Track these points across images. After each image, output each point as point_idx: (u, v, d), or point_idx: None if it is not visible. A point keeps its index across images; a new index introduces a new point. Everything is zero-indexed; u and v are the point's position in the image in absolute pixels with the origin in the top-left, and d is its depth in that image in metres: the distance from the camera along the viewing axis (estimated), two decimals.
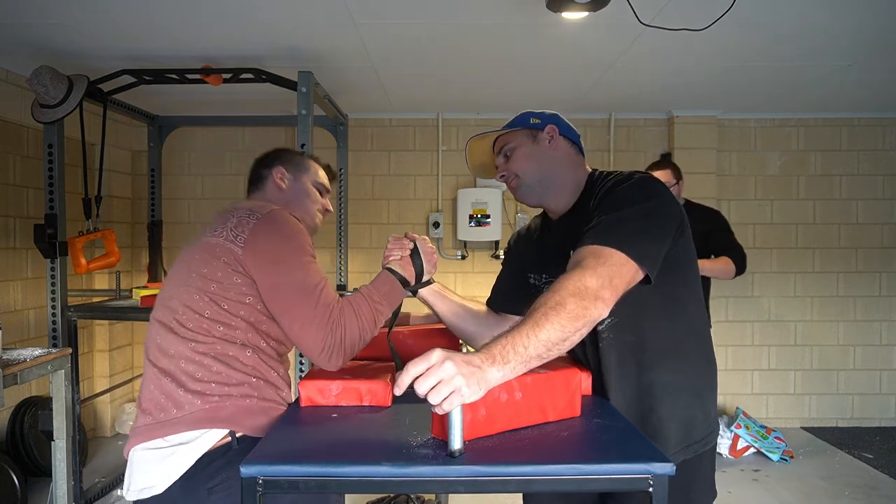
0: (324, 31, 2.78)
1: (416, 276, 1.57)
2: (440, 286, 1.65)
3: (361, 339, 1.43)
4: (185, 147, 4.51)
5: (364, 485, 1.01)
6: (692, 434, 1.41)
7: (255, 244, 1.38)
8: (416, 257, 1.57)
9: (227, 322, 1.39)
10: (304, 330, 1.36)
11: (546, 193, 1.52)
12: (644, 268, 1.24)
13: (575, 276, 1.17)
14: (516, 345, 1.06)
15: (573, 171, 1.52)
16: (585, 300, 1.13)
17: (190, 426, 1.34)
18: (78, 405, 3.11)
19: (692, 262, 1.45)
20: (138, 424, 1.41)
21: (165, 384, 1.38)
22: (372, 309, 1.45)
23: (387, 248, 1.60)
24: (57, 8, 2.51)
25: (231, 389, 1.37)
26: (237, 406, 1.36)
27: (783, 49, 3.03)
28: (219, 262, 1.39)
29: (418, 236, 1.61)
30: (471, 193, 4.40)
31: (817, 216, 4.55)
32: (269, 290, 1.38)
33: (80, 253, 3.00)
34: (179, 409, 1.36)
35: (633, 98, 4.07)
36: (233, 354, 1.38)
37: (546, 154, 1.50)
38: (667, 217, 1.34)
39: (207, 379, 1.37)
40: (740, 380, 4.56)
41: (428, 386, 0.98)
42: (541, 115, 1.54)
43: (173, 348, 1.40)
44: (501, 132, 1.56)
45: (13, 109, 3.34)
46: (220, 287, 1.38)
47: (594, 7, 2.24)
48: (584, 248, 1.25)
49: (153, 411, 1.38)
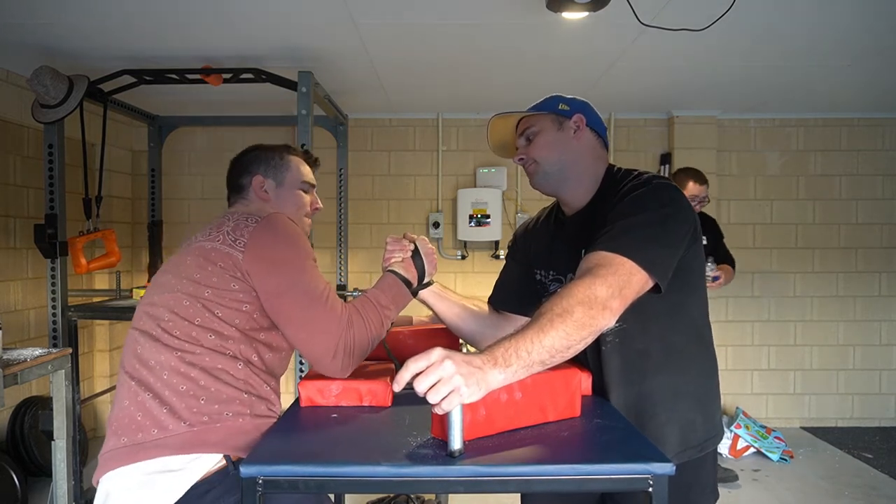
0: (324, 31, 2.78)
1: (417, 277, 1.53)
2: (440, 286, 1.62)
3: (371, 344, 1.39)
4: (185, 147, 4.51)
5: (364, 485, 1.01)
6: (690, 438, 1.40)
7: (257, 249, 1.31)
8: (417, 258, 1.54)
9: (219, 331, 1.29)
10: (314, 337, 1.30)
11: (563, 184, 1.47)
12: (655, 277, 1.22)
13: (585, 284, 1.15)
14: (519, 349, 1.05)
15: (594, 164, 1.47)
16: (593, 309, 1.12)
17: (176, 450, 1.22)
18: (78, 405, 3.11)
19: (701, 270, 1.45)
20: (109, 448, 1.26)
21: (144, 400, 1.25)
22: (380, 314, 1.41)
23: (386, 249, 1.57)
24: (57, 8, 2.51)
25: (221, 407, 1.26)
26: (229, 428, 1.25)
27: (783, 49, 3.03)
28: (214, 267, 1.31)
29: (417, 237, 1.58)
30: (471, 193, 4.40)
31: (817, 216, 4.55)
32: (274, 297, 1.31)
33: (80, 253, 3.00)
34: (162, 430, 1.23)
35: (633, 98, 4.06)
36: (223, 367, 1.28)
37: (569, 144, 1.46)
38: (681, 225, 1.31)
39: (194, 394, 1.25)
40: (740, 380, 4.56)
41: (427, 384, 0.98)
42: (571, 101, 1.49)
43: (155, 358, 1.28)
44: (527, 113, 1.51)
45: (13, 109, 3.34)
46: (214, 293, 1.30)
47: (594, 7, 2.24)
48: (595, 255, 1.23)
49: (128, 432, 1.24)
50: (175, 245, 4.34)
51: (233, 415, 1.27)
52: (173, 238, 4.38)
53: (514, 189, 4.53)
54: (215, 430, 1.24)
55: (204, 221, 1.47)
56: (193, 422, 1.24)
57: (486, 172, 4.46)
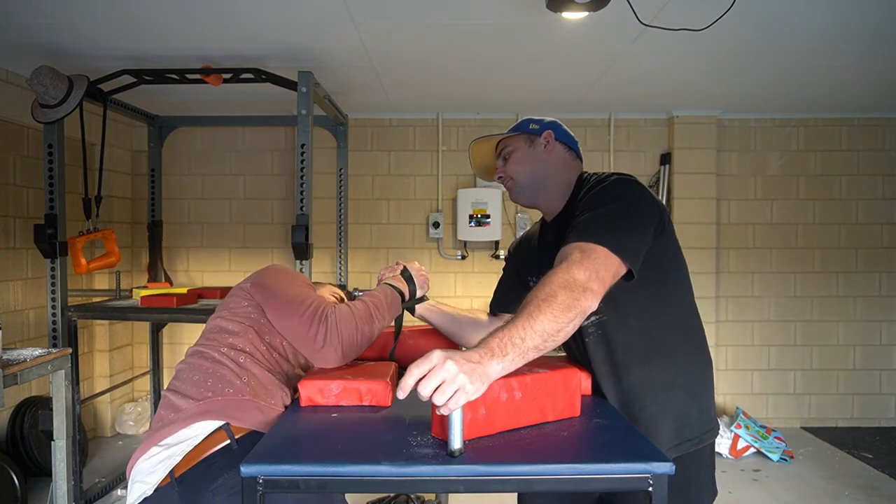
0: (324, 31, 2.78)
1: (410, 291, 1.69)
2: (434, 302, 1.76)
3: (359, 331, 1.49)
4: (185, 147, 4.51)
5: (364, 484, 1.01)
6: (685, 431, 1.42)
7: (261, 277, 1.62)
8: (407, 278, 1.71)
9: (231, 330, 1.52)
10: (299, 327, 1.47)
11: (538, 195, 1.59)
12: (626, 261, 1.28)
13: (562, 270, 1.21)
14: (513, 337, 1.08)
15: (566, 174, 1.58)
16: (575, 291, 1.17)
17: (184, 423, 1.38)
18: (78, 405, 3.11)
19: (677, 262, 1.48)
20: (142, 440, 1.47)
21: (167, 397, 1.47)
22: (367, 304, 1.54)
23: (379, 274, 1.76)
24: (57, 8, 2.51)
25: (223, 386, 1.42)
26: (229, 401, 1.40)
27: (783, 49, 3.03)
28: (232, 299, 1.61)
29: (406, 262, 1.76)
30: (471, 193, 4.40)
31: (817, 216, 4.55)
32: (271, 303, 1.54)
33: (80, 253, 3.01)
34: (176, 413, 1.41)
35: (633, 98, 4.07)
36: (232, 357, 1.47)
37: (540, 158, 1.58)
38: (641, 214, 1.38)
39: (203, 380, 1.44)
40: (740, 380, 4.56)
41: (432, 387, 0.99)
42: (539, 121, 1.62)
43: (180, 366, 1.52)
44: (502, 136, 1.64)
45: (13, 109, 3.34)
46: (230, 312, 1.57)
47: (594, 7, 2.24)
48: (568, 246, 1.29)
49: (154, 424, 1.45)
50: (175, 245, 4.39)
51: (233, 391, 1.43)
52: (173, 238, 4.39)
53: None
54: (216, 402, 1.41)
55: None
56: (199, 397, 1.42)
57: None
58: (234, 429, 1.38)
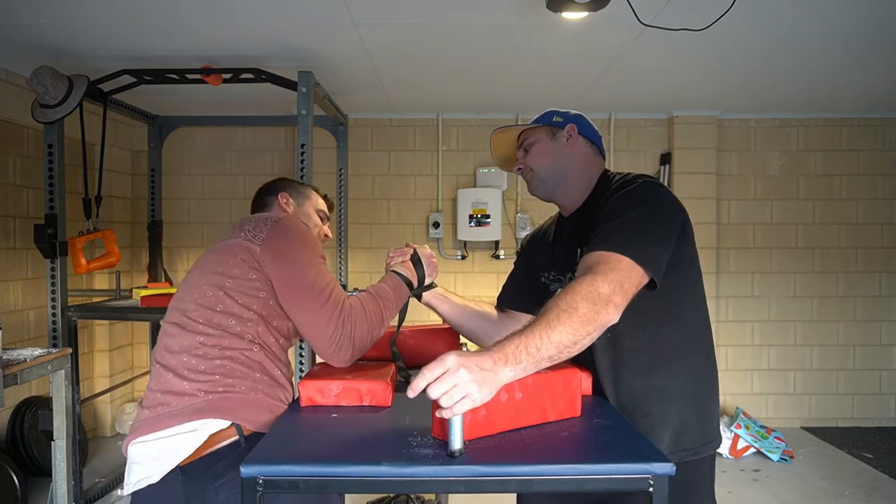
0: (324, 31, 2.78)
1: (418, 279, 1.65)
2: (443, 290, 1.73)
3: (370, 335, 1.47)
4: (185, 147, 4.51)
5: (364, 485, 1.01)
6: (682, 440, 1.40)
7: (273, 242, 1.44)
8: (416, 262, 1.67)
9: (239, 315, 1.41)
10: (316, 322, 1.40)
11: (557, 189, 1.57)
12: (650, 272, 1.26)
13: (587, 281, 1.19)
14: (529, 345, 1.08)
15: (587, 169, 1.56)
16: (597, 305, 1.15)
17: (190, 417, 1.33)
18: (78, 405, 3.11)
19: (694, 267, 1.45)
20: (138, 419, 1.40)
21: (167, 379, 1.38)
22: (379, 305, 1.51)
23: (388, 256, 1.71)
24: (57, 8, 2.51)
25: (235, 382, 1.36)
26: (242, 399, 1.36)
27: (783, 49, 3.03)
28: (235, 260, 1.44)
29: (418, 245, 1.72)
30: (471, 193, 4.40)
31: (817, 216, 4.55)
32: (284, 285, 1.42)
33: (80, 253, 3.00)
34: (180, 401, 1.35)
35: (633, 98, 4.06)
36: (240, 348, 1.40)
37: (562, 151, 1.56)
38: (667, 220, 1.36)
39: (211, 371, 1.36)
40: (740, 380, 4.56)
41: (442, 391, 1.00)
42: (564, 114, 1.60)
43: (178, 343, 1.41)
44: (525, 127, 1.62)
45: (13, 109, 3.33)
46: (235, 283, 1.42)
47: (594, 7, 2.24)
48: (592, 255, 1.27)
49: (153, 406, 1.38)
50: (175, 245, 4.39)
51: (246, 389, 1.37)
52: (173, 238, 4.38)
53: (514, 189, 4.53)
54: (228, 399, 1.35)
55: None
56: (209, 391, 1.35)
57: (486, 172, 4.47)
58: (244, 428, 1.36)
